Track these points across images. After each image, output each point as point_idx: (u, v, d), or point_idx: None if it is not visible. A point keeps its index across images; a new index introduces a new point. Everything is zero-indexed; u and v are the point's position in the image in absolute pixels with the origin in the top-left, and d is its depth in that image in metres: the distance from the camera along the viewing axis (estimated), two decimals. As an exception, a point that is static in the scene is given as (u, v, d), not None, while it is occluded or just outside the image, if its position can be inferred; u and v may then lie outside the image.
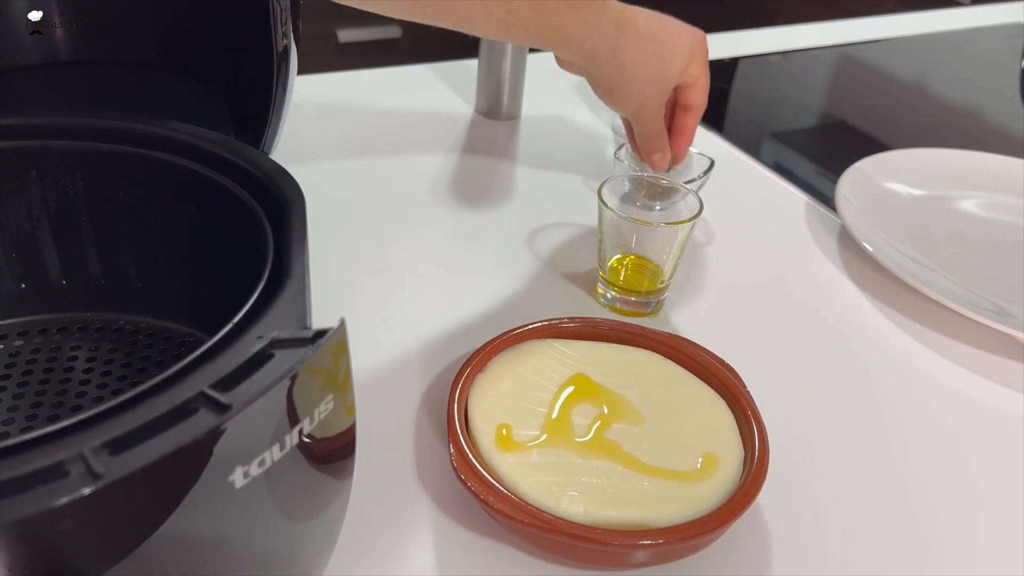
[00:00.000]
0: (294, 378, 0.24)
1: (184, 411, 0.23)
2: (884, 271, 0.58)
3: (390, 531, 0.38)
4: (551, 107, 0.79)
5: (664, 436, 0.39)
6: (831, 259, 0.61)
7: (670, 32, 0.53)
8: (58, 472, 0.21)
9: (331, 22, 1.86)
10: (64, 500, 0.20)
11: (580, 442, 0.39)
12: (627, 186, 0.55)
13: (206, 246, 0.41)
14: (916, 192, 0.68)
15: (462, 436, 0.38)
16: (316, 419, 0.26)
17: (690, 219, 0.49)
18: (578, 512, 0.35)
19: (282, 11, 0.46)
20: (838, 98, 0.92)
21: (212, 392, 0.23)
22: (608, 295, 0.53)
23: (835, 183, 0.65)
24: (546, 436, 0.39)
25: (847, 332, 0.53)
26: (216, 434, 0.22)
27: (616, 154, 0.60)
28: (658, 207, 0.55)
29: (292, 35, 0.47)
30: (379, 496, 0.39)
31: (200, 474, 0.23)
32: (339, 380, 0.27)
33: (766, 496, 0.40)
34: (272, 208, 0.36)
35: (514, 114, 0.76)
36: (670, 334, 0.45)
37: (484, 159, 0.69)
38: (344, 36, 1.86)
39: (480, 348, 0.43)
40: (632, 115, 0.55)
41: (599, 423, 0.40)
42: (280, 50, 0.46)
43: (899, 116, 0.88)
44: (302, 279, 0.31)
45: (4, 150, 0.40)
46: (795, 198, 0.68)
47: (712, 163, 0.59)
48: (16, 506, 0.20)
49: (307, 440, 0.26)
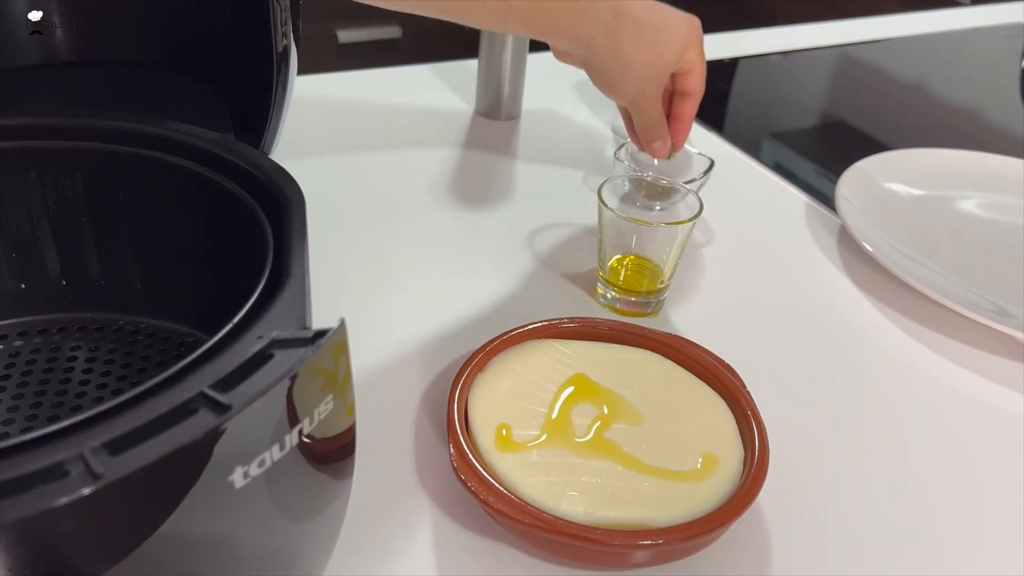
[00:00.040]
0: (294, 378, 0.24)
1: (184, 411, 0.23)
2: (884, 271, 0.58)
3: (390, 531, 0.38)
4: (551, 107, 0.79)
5: (664, 436, 0.39)
6: (831, 259, 0.61)
7: (666, 19, 0.53)
8: (58, 472, 0.21)
9: (331, 22, 1.86)
10: (64, 500, 0.20)
11: (580, 442, 0.39)
12: (627, 186, 0.55)
13: (206, 246, 0.41)
14: (916, 192, 0.68)
15: (462, 436, 0.38)
16: (316, 419, 0.26)
17: (690, 219, 0.49)
18: (578, 512, 0.35)
19: (282, 11, 0.46)
20: (838, 98, 0.92)
21: (212, 392, 0.23)
22: (608, 295, 0.53)
23: (835, 183, 0.65)
24: (546, 436, 0.39)
25: (847, 332, 0.53)
26: (216, 434, 0.22)
27: (616, 154, 0.60)
28: (658, 207, 0.55)
29: (292, 35, 0.47)
30: (379, 496, 0.39)
31: (200, 474, 0.23)
32: (339, 380, 0.27)
33: (766, 496, 0.40)
34: (272, 208, 0.36)
35: (514, 114, 0.76)
36: (670, 334, 0.45)
37: (484, 159, 0.69)
38: (344, 36, 1.87)
39: (480, 348, 0.43)
40: (631, 104, 0.55)
41: (599, 423, 0.40)
42: (280, 50, 0.46)
43: (899, 116, 0.88)
44: (302, 279, 0.31)
45: (4, 150, 0.40)
46: (795, 198, 0.68)
47: (712, 163, 0.59)
48: (16, 506, 0.20)
49: (307, 440, 0.26)
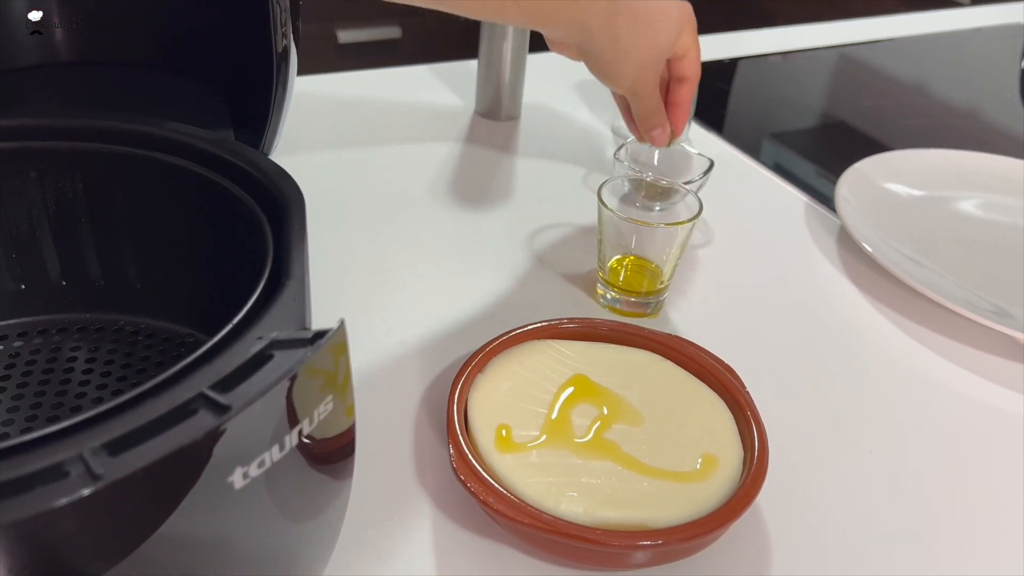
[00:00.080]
0: (293, 379, 0.24)
1: (184, 412, 0.23)
2: (883, 272, 0.58)
3: (390, 531, 0.38)
4: (551, 108, 0.79)
5: (664, 437, 0.39)
6: (830, 260, 0.61)
7: (659, 4, 0.53)
8: (57, 473, 0.21)
9: (331, 22, 1.86)
10: (63, 501, 0.20)
11: (580, 443, 0.39)
12: (627, 187, 0.55)
13: (206, 247, 0.41)
14: (916, 193, 0.68)
15: (461, 437, 0.38)
16: (316, 420, 0.26)
17: (690, 220, 0.49)
18: (577, 513, 0.35)
19: (282, 12, 0.46)
20: (838, 99, 0.92)
21: (212, 393, 0.23)
22: (608, 296, 0.53)
23: (835, 184, 0.65)
24: (546, 437, 0.39)
25: (846, 333, 0.53)
26: (215, 435, 0.22)
27: (616, 155, 0.60)
28: (658, 208, 0.55)
29: (292, 36, 0.47)
30: (379, 497, 0.39)
31: (199, 475, 0.23)
32: (339, 381, 0.27)
33: (765, 496, 0.40)
34: (272, 209, 0.36)
35: (514, 115, 0.76)
36: (670, 335, 0.45)
37: (484, 159, 0.69)
38: (344, 37, 1.87)
39: (480, 348, 0.43)
40: (630, 91, 0.55)
41: (599, 424, 0.40)
42: (280, 50, 0.46)
43: (899, 117, 0.88)
44: (302, 280, 0.31)
45: (4, 151, 0.40)
46: (795, 199, 0.68)
47: (712, 164, 0.59)
48: (16, 507, 0.20)
49: (307, 441, 0.26)
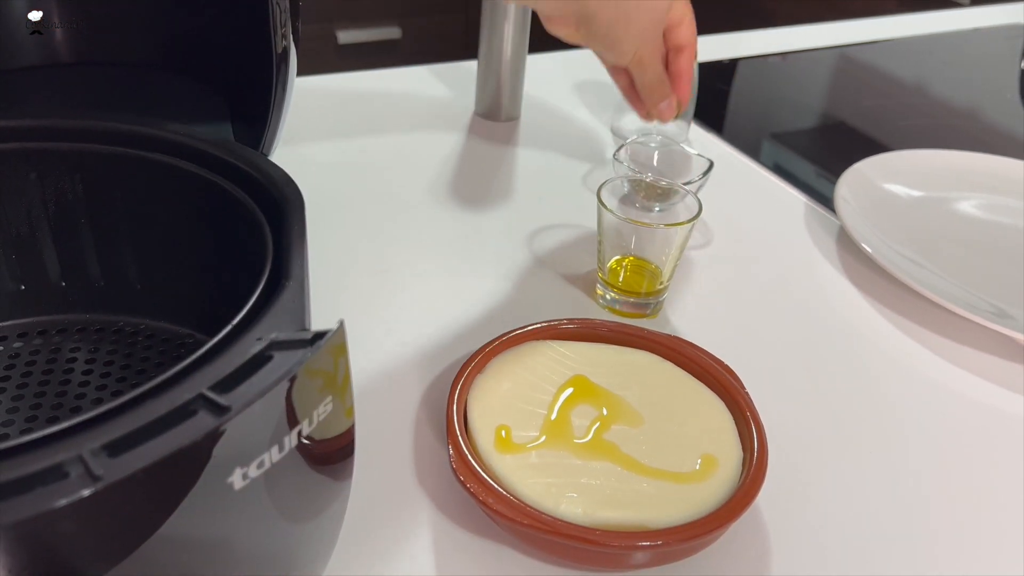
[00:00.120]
0: (293, 380, 0.24)
1: (183, 413, 0.23)
2: (883, 272, 0.58)
3: (389, 532, 0.38)
4: (550, 108, 0.79)
5: (663, 437, 0.39)
6: (830, 260, 0.61)
7: None
8: (57, 474, 0.21)
9: (331, 23, 1.86)
10: (63, 502, 0.20)
11: (579, 443, 0.39)
12: (626, 187, 0.55)
13: (205, 247, 0.41)
14: (915, 193, 0.68)
15: (461, 437, 0.38)
16: (315, 421, 0.26)
17: (689, 220, 0.49)
18: (577, 513, 0.35)
19: (281, 12, 0.46)
20: (837, 99, 0.92)
21: (211, 394, 0.24)
22: (607, 296, 0.53)
23: (834, 184, 0.65)
24: (545, 437, 0.39)
25: (846, 333, 0.53)
26: (215, 436, 0.23)
27: (615, 155, 0.60)
28: (657, 208, 0.55)
29: (292, 36, 0.47)
30: (378, 497, 0.39)
31: (199, 476, 0.23)
32: (338, 382, 0.27)
33: (765, 497, 0.40)
34: (271, 209, 0.36)
35: (513, 115, 0.76)
36: (669, 335, 0.45)
37: (483, 160, 0.69)
38: (343, 37, 1.87)
39: (479, 349, 0.43)
40: (633, 60, 0.54)
41: (598, 424, 0.40)
42: (279, 51, 0.46)
43: (898, 117, 0.88)
44: (301, 280, 0.31)
45: (4, 152, 0.40)
46: (794, 199, 0.68)
47: (711, 164, 0.59)
48: (15, 508, 0.20)
49: (306, 442, 0.26)
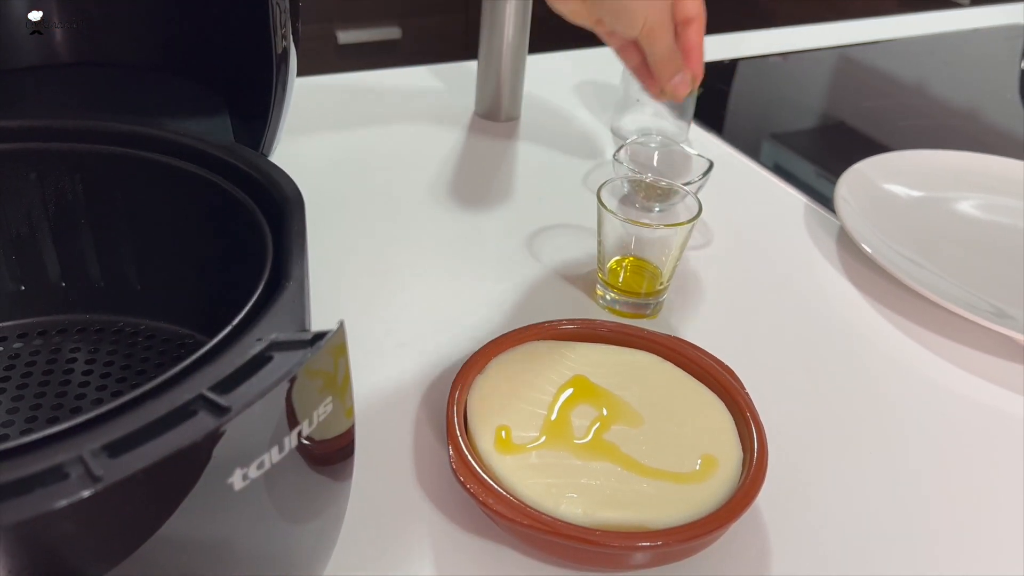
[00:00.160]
0: (293, 380, 0.24)
1: (183, 413, 0.23)
2: (883, 272, 0.58)
3: (389, 533, 0.38)
4: (550, 108, 0.79)
5: (663, 438, 0.39)
6: (830, 260, 0.61)
7: None
8: (57, 474, 0.21)
9: (331, 23, 1.86)
10: (63, 503, 0.20)
11: (579, 444, 0.39)
12: (626, 188, 0.55)
13: (205, 248, 0.41)
14: (915, 193, 0.68)
15: (461, 438, 0.38)
16: (315, 421, 0.26)
17: (689, 221, 0.49)
18: (577, 514, 0.35)
19: (281, 13, 0.46)
20: (837, 99, 0.92)
21: (211, 394, 0.23)
22: (607, 297, 0.53)
23: (834, 184, 0.65)
24: (545, 438, 0.39)
25: (846, 333, 0.53)
26: (215, 436, 0.23)
27: (615, 155, 0.60)
28: (657, 209, 0.55)
29: (291, 37, 0.47)
30: (378, 498, 0.39)
31: (199, 476, 0.23)
32: (338, 382, 0.27)
33: (765, 497, 0.40)
34: (271, 210, 0.36)
35: (513, 115, 0.76)
36: (669, 336, 0.45)
37: (483, 160, 0.69)
38: (344, 37, 1.87)
39: (479, 350, 0.43)
40: (644, 30, 0.53)
41: (598, 425, 0.40)
42: (279, 52, 0.46)
43: (898, 117, 0.88)
44: (301, 281, 0.31)
45: (4, 152, 0.40)
46: (794, 199, 0.68)
47: (711, 164, 0.59)
48: (15, 508, 0.20)
49: (306, 442, 0.26)
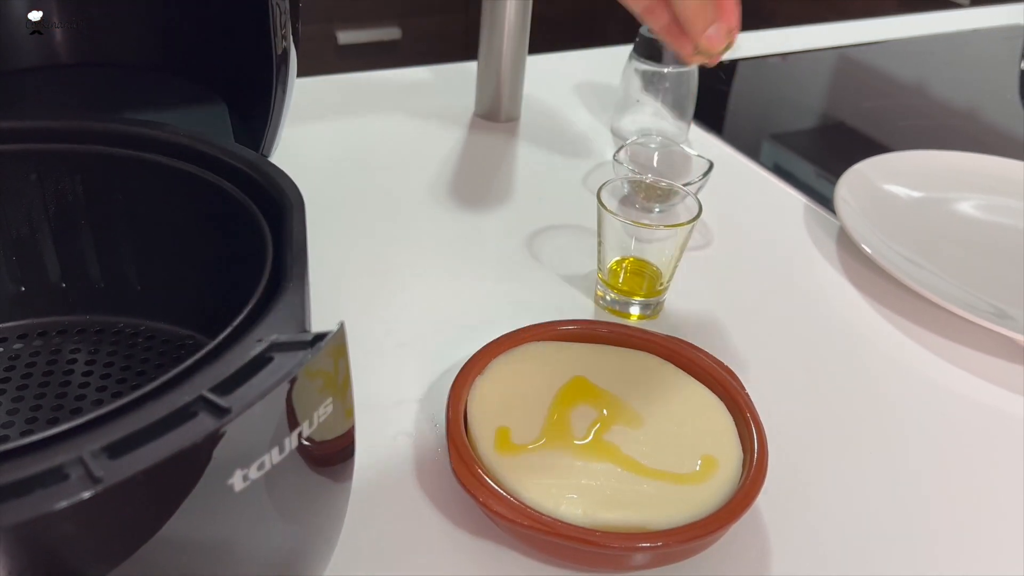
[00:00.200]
0: (293, 381, 0.24)
1: (183, 414, 0.23)
2: (883, 273, 0.58)
3: (389, 534, 0.38)
4: (550, 109, 0.79)
5: (663, 438, 0.39)
6: (830, 261, 0.61)
7: None
8: (57, 476, 0.21)
9: (331, 23, 1.86)
10: (63, 504, 0.20)
11: (579, 444, 0.39)
12: (626, 188, 0.55)
13: (205, 249, 0.41)
14: (915, 194, 0.68)
15: (461, 439, 0.38)
16: (315, 422, 0.26)
17: (689, 221, 0.49)
18: (577, 514, 0.35)
19: (281, 13, 0.46)
20: (837, 100, 0.92)
21: (211, 395, 0.23)
22: (607, 297, 0.53)
23: (834, 185, 0.65)
24: (545, 439, 0.39)
25: (846, 334, 0.53)
26: (215, 437, 0.22)
27: (615, 156, 0.60)
28: (657, 209, 0.55)
29: (291, 37, 0.47)
30: (378, 499, 0.39)
31: (199, 477, 0.23)
32: (338, 383, 0.27)
33: (765, 498, 0.40)
34: (271, 211, 0.36)
35: (513, 116, 0.76)
36: (669, 336, 0.45)
37: (483, 161, 0.69)
38: (344, 38, 1.87)
39: (479, 350, 0.43)
40: None
41: (598, 425, 0.40)
42: (279, 52, 0.46)
43: (898, 118, 0.88)
44: (301, 281, 0.31)
45: (4, 153, 0.40)
46: (794, 200, 0.68)
47: (711, 165, 0.59)
48: (15, 510, 0.20)
49: (306, 443, 0.26)
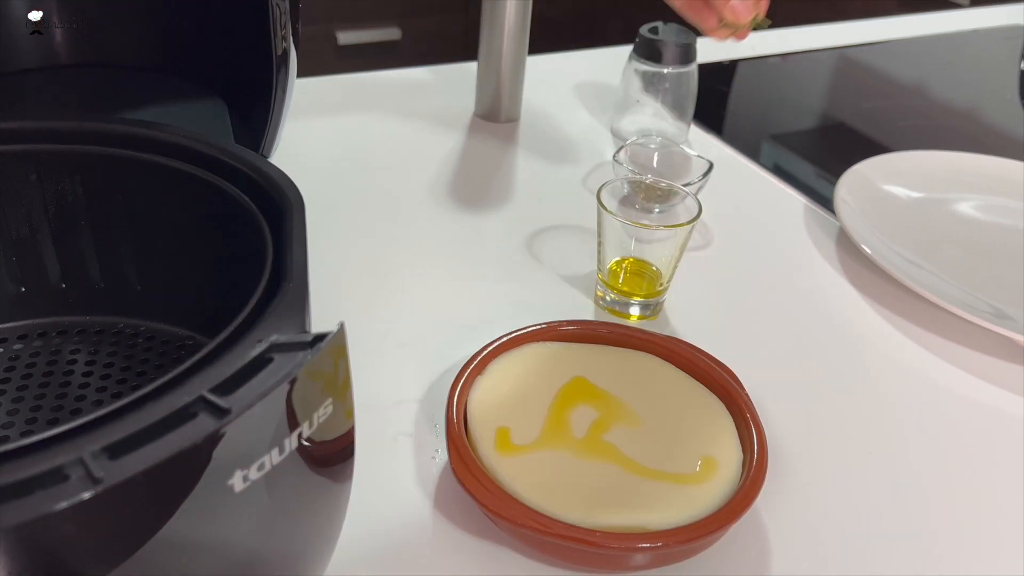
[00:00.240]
0: (293, 382, 0.24)
1: (183, 415, 0.23)
2: (882, 273, 0.58)
3: (389, 534, 0.38)
4: (550, 109, 0.79)
5: (663, 439, 0.39)
6: (829, 261, 0.61)
7: None
8: (57, 476, 0.21)
9: (331, 24, 1.86)
10: (63, 504, 0.20)
11: (579, 445, 0.39)
12: (626, 189, 0.55)
13: (205, 249, 0.41)
14: (915, 194, 0.68)
15: (461, 439, 0.38)
16: (315, 423, 0.26)
17: (689, 222, 0.49)
18: (577, 515, 0.35)
19: (281, 14, 0.46)
20: (837, 100, 0.92)
21: (211, 396, 0.23)
22: (607, 298, 0.53)
23: (834, 185, 0.65)
24: (545, 439, 0.39)
25: (845, 334, 0.53)
26: (215, 438, 0.23)
27: (615, 156, 0.60)
28: (657, 210, 0.55)
29: (291, 38, 0.47)
30: (378, 499, 0.39)
31: (199, 478, 0.23)
32: (338, 384, 0.27)
33: (764, 499, 0.40)
34: (272, 211, 0.36)
35: (513, 116, 0.76)
36: (669, 337, 0.45)
37: (483, 161, 0.69)
38: (343, 38, 1.87)
39: (479, 351, 0.43)
40: None
41: (598, 426, 0.40)
42: (279, 53, 0.46)
43: (898, 118, 0.88)
44: (302, 282, 0.31)
45: (4, 153, 0.40)
46: (794, 200, 0.68)
47: (711, 165, 0.59)
48: (16, 510, 0.20)
49: (306, 444, 0.26)
